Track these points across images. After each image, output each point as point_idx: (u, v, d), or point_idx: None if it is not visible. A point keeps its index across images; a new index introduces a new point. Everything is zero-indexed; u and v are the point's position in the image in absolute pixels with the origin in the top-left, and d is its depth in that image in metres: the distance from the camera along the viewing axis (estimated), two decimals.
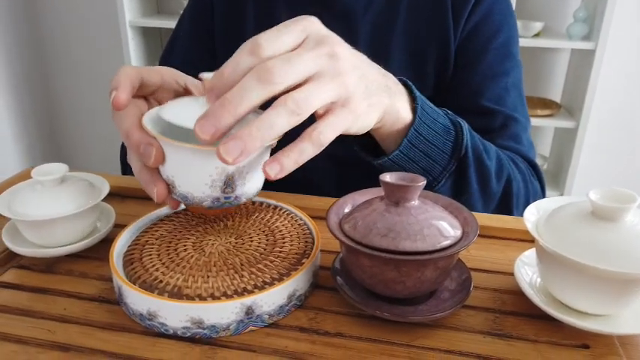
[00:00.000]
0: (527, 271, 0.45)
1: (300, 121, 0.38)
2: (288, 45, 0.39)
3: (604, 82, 1.79)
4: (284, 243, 0.46)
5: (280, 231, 0.48)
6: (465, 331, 0.40)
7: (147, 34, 1.98)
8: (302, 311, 0.42)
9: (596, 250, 0.37)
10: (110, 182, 0.62)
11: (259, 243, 0.46)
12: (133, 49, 1.92)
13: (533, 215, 0.43)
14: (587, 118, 1.70)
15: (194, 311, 0.38)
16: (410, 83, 0.54)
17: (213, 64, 0.77)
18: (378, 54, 0.73)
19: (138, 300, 0.39)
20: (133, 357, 0.37)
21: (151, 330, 0.39)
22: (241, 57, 0.38)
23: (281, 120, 0.37)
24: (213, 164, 0.39)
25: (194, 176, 0.41)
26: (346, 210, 0.44)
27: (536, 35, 1.72)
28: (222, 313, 0.38)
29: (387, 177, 0.41)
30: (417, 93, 0.53)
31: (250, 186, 0.42)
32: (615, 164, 2.02)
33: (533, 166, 0.71)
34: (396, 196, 0.40)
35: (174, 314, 0.38)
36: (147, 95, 0.48)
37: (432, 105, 0.55)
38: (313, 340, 0.39)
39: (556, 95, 1.97)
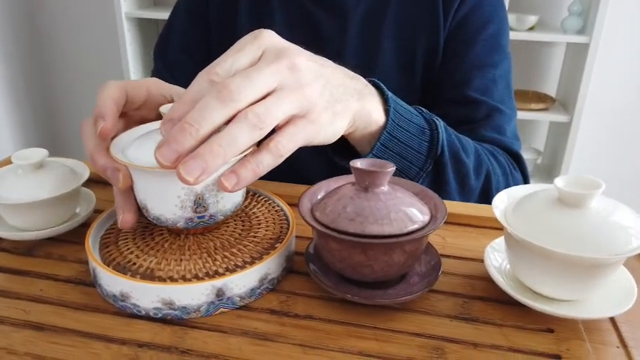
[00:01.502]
0: (496, 257, 0.45)
1: (263, 136, 0.38)
2: (246, 64, 0.40)
3: (598, 77, 1.79)
4: (259, 228, 0.47)
5: (257, 217, 0.49)
6: (433, 315, 0.41)
7: (143, 25, 1.99)
8: (274, 294, 0.43)
9: (561, 236, 0.38)
10: (93, 169, 0.63)
11: (235, 228, 0.47)
12: (129, 41, 1.92)
13: (502, 203, 0.43)
14: (580, 113, 1.70)
15: (165, 292, 0.38)
16: (381, 85, 0.53)
17: (208, 55, 0.78)
18: (369, 43, 0.74)
19: (111, 281, 0.40)
20: (104, 336, 0.38)
21: (123, 311, 0.40)
22: (199, 84, 0.38)
23: (243, 135, 0.36)
24: (179, 185, 0.39)
25: (163, 198, 0.41)
26: (319, 196, 0.45)
27: (531, 29, 1.72)
28: (193, 294, 0.39)
29: (358, 163, 0.41)
30: (389, 94, 0.53)
31: (225, 203, 0.43)
32: (609, 158, 2.02)
33: (517, 158, 0.72)
34: (365, 182, 0.41)
35: (146, 295, 0.39)
36: (129, 111, 0.47)
37: (405, 105, 0.55)
38: (283, 322, 0.40)
39: (551, 89, 1.97)
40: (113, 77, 2.17)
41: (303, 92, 0.40)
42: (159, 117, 0.46)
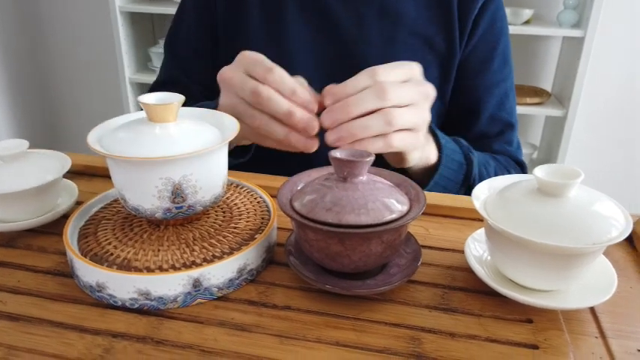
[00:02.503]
0: (477, 248, 0.45)
1: (388, 132, 0.49)
2: (397, 78, 0.50)
3: (593, 70, 1.79)
4: (240, 219, 0.47)
5: (238, 208, 0.49)
6: (412, 305, 0.41)
7: (137, 20, 1.97)
8: (253, 285, 0.43)
9: (541, 226, 0.38)
10: (78, 161, 0.63)
11: (215, 219, 0.46)
12: (124, 35, 1.90)
13: (483, 194, 0.43)
14: (576, 107, 1.70)
15: (141, 283, 0.38)
16: (434, 127, 0.62)
17: (216, 53, 0.77)
18: (387, 36, 0.74)
19: (87, 272, 0.40)
20: (79, 327, 0.37)
21: (100, 302, 0.40)
22: (361, 77, 0.49)
23: (376, 126, 0.48)
24: (156, 175, 0.40)
25: (141, 188, 0.41)
26: (300, 186, 0.44)
27: (527, 22, 1.72)
28: (169, 285, 0.38)
29: (337, 153, 0.41)
30: (441, 135, 0.62)
31: (204, 194, 0.43)
32: (604, 152, 2.01)
33: (521, 165, 0.78)
34: (344, 172, 0.40)
35: (122, 286, 0.38)
36: None
37: (451, 144, 0.63)
38: (261, 313, 0.40)
39: (547, 84, 1.97)
40: (108, 72, 2.17)
41: (425, 115, 0.52)
42: None
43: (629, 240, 0.51)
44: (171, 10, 1.79)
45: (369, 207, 0.38)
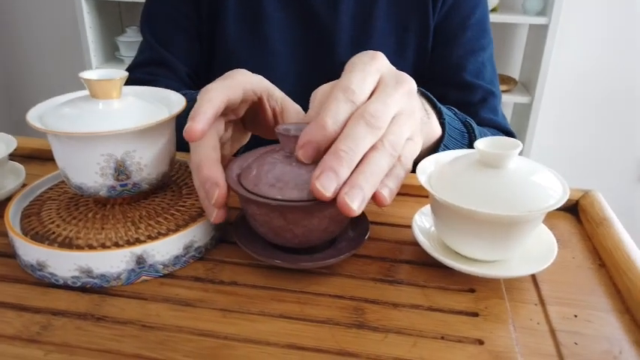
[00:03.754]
0: (424, 222, 0.46)
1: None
2: (372, 87, 0.40)
3: (558, 57, 1.82)
4: (189, 198, 0.46)
5: (188, 186, 0.48)
6: (358, 278, 0.41)
7: (104, 7, 1.93)
8: (201, 263, 0.42)
9: (481, 196, 0.38)
10: (32, 145, 0.61)
11: (164, 198, 0.46)
12: (89, 24, 1.86)
13: (429, 168, 0.44)
14: (541, 93, 1.73)
15: (82, 260, 0.38)
16: (430, 95, 0.57)
17: (201, 29, 0.75)
18: (362, 22, 0.74)
19: (28, 251, 0.39)
20: (19, 305, 0.37)
21: (42, 281, 0.39)
22: (339, 105, 0.37)
23: (386, 162, 0.37)
24: (97, 151, 0.39)
25: (83, 166, 0.40)
26: (249, 162, 0.44)
27: (493, 10, 1.73)
28: (111, 261, 0.38)
29: (281, 128, 0.41)
30: (440, 105, 0.57)
31: (150, 171, 0.42)
32: (570, 138, 2.06)
33: (512, 135, 0.78)
34: (290, 147, 0.40)
35: (62, 264, 0.38)
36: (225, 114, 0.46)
37: (449, 113, 0.60)
38: (206, 289, 0.39)
39: (515, 71, 2.00)
40: (74, 60, 2.12)
41: (415, 117, 0.42)
42: (252, 111, 0.48)
43: (575, 213, 0.52)
44: None
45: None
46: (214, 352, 0.33)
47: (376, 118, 0.37)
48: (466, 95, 0.75)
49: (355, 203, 0.35)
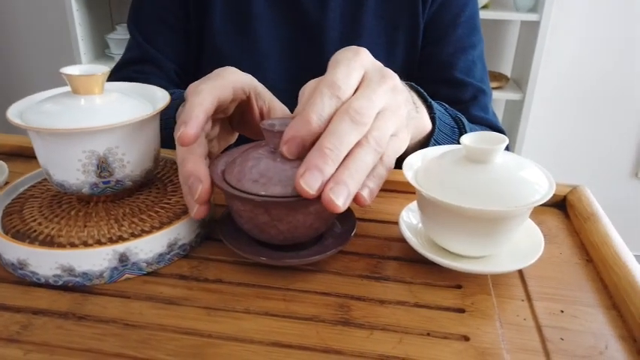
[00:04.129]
0: (412, 218, 0.45)
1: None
2: (357, 82, 0.39)
3: (549, 54, 1.82)
4: (174, 195, 0.46)
5: (173, 184, 0.48)
6: (344, 275, 0.41)
7: (93, 4, 1.91)
8: (186, 260, 0.42)
9: (467, 192, 0.38)
10: (16, 142, 0.61)
11: (148, 195, 0.46)
12: (79, 21, 1.84)
13: (416, 164, 0.43)
14: (533, 90, 1.73)
15: (63, 258, 0.37)
16: (421, 90, 0.56)
17: (187, 21, 0.74)
18: (350, 19, 0.74)
19: (8, 249, 0.38)
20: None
21: (24, 280, 0.39)
22: (323, 100, 0.37)
23: (370, 159, 0.37)
24: (79, 147, 0.38)
25: (64, 162, 0.40)
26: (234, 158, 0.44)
27: (485, 7, 1.73)
28: (94, 259, 0.37)
29: (266, 123, 0.40)
30: (431, 100, 0.57)
31: (133, 168, 0.42)
32: (562, 134, 2.06)
33: (502, 133, 0.77)
34: (274, 143, 0.40)
35: (44, 262, 0.37)
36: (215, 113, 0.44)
37: (440, 108, 0.59)
38: (191, 287, 0.39)
39: (507, 68, 2.00)
40: (64, 58, 2.10)
41: (400, 113, 0.41)
42: (239, 110, 0.47)
43: (563, 209, 0.52)
44: None
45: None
46: (198, 351, 0.33)
47: (361, 114, 0.36)
48: (456, 93, 0.75)
49: (340, 200, 0.35)
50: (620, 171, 2.11)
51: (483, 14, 1.69)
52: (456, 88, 0.75)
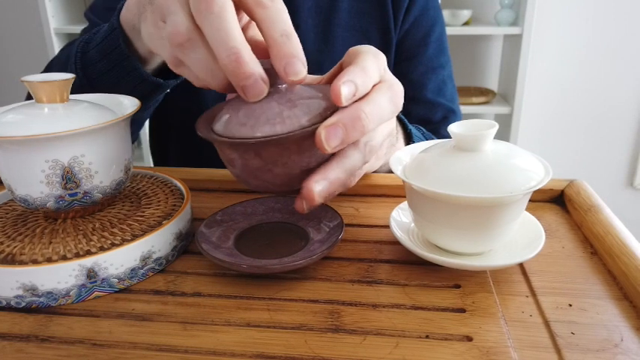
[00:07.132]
0: (402, 217, 0.43)
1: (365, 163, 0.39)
2: (377, 74, 0.38)
3: (534, 66, 1.83)
4: (149, 207, 0.43)
5: (148, 197, 0.45)
6: (334, 281, 0.38)
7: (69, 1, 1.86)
8: (162, 275, 0.39)
9: (460, 182, 0.35)
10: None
11: (121, 209, 0.43)
12: (52, 13, 1.77)
13: (405, 159, 0.41)
14: (520, 103, 1.73)
15: (24, 276, 0.34)
16: (404, 119, 0.56)
17: None
18: (323, 31, 0.73)
19: None
20: None
21: None
22: (372, 65, 0.37)
23: (357, 160, 0.37)
24: (42, 157, 0.36)
25: (26, 174, 0.37)
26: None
27: (466, 24, 1.75)
28: (58, 277, 0.34)
29: None
30: (410, 126, 0.56)
31: (102, 179, 0.39)
32: (552, 145, 2.06)
33: None
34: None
35: (4, 282, 0.34)
36: None
37: (417, 133, 0.59)
38: (166, 302, 0.36)
39: (493, 83, 2.00)
40: (35, 51, 1.96)
41: (392, 125, 0.44)
42: None
43: (561, 204, 0.49)
44: None
45: (284, 115, 0.34)
46: None
47: (399, 96, 0.39)
48: (427, 113, 0.76)
49: (333, 141, 0.33)
50: (614, 181, 2.10)
51: (466, 30, 1.70)
52: (426, 107, 0.76)
